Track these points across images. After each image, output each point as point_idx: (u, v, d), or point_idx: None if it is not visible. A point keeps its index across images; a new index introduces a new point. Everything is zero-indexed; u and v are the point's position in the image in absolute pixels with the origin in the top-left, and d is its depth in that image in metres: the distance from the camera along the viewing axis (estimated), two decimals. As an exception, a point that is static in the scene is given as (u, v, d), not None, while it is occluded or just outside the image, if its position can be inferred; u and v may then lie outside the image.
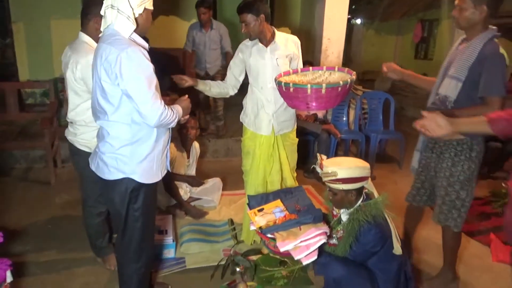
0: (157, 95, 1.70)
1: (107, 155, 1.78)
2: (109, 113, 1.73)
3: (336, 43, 4.64)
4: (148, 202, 1.89)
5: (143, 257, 1.95)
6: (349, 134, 4.60)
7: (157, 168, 1.87)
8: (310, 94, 1.92)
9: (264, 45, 2.46)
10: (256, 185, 2.62)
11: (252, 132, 2.60)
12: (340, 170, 1.90)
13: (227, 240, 2.84)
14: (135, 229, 1.87)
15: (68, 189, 3.61)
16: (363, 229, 1.90)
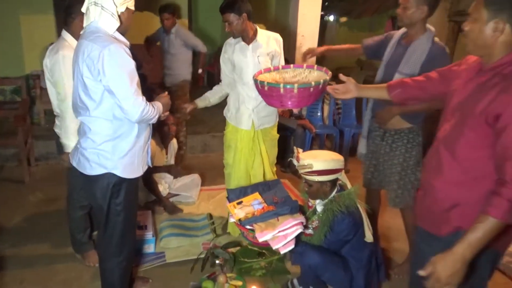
0: (138, 91, 1.73)
1: (88, 151, 1.81)
2: (91, 108, 1.75)
3: (310, 39, 4.73)
4: (130, 196, 1.92)
5: (124, 251, 1.98)
6: (324, 129, 4.72)
7: (139, 163, 1.90)
8: (283, 93, 1.99)
9: (246, 43, 2.52)
10: (239, 178, 2.68)
11: (234, 126, 2.66)
12: (316, 163, 1.98)
13: (206, 234, 2.90)
14: (116, 223, 1.90)
15: (42, 187, 3.57)
16: (337, 218, 1.99)
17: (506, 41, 1.25)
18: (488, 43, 1.27)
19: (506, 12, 1.21)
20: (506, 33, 1.23)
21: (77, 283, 2.36)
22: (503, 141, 1.20)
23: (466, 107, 1.32)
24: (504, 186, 1.18)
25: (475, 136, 1.29)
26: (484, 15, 1.25)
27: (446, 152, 1.39)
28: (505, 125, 1.19)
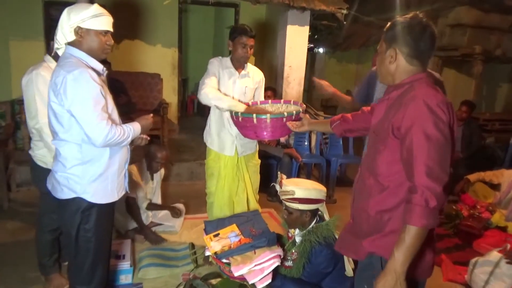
0: (103, 115, 1.70)
1: (59, 174, 1.79)
2: (60, 133, 1.75)
3: (297, 70, 4.83)
4: (101, 222, 1.87)
5: (95, 281, 1.92)
6: (311, 158, 4.73)
7: (112, 188, 1.87)
8: (256, 124, 2.01)
9: (236, 70, 2.56)
10: (222, 205, 2.64)
11: (216, 153, 2.65)
12: (298, 190, 1.98)
13: (187, 264, 2.82)
14: (86, 250, 1.85)
15: (21, 214, 3.47)
16: (314, 250, 1.97)
17: (401, 66, 1.42)
18: (388, 70, 1.45)
19: (396, 42, 1.40)
20: (399, 60, 1.41)
21: (48, 316, 2.26)
22: (406, 147, 1.30)
23: (378, 126, 1.46)
24: (413, 192, 1.26)
25: (388, 151, 1.39)
26: (384, 47, 1.45)
27: (368, 174, 1.48)
28: (405, 133, 1.31)
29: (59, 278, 2.50)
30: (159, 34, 5.78)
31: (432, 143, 1.25)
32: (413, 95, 1.33)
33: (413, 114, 1.29)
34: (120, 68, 5.46)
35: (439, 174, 1.25)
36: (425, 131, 1.26)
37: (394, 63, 1.42)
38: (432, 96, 1.31)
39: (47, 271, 2.49)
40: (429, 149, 1.25)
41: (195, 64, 8.87)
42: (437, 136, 1.25)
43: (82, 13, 1.71)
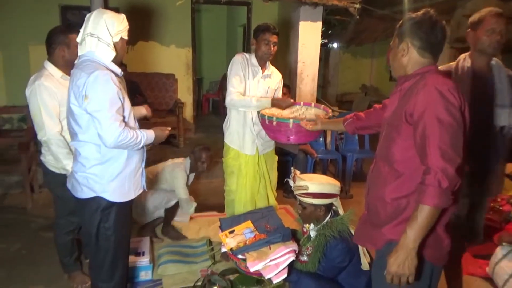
0: (116, 117, 1.74)
1: (79, 174, 1.84)
2: (79, 134, 1.81)
3: (310, 66, 4.81)
4: (120, 221, 1.92)
5: (115, 277, 1.97)
6: (326, 154, 4.72)
7: (130, 187, 1.92)
8: (291, 128, 2.09)
9: (261, 69, 2.61)
10: (245, 202, 2.69)
11: (236, 152, 2.68)
12: (312, 185, 1.98)
13: (205, 260, 2.86)
14: (106, 248, 1.90)
15: (44, 213, 3.58)
16: (329, 244, 1.97)
17: (413, 59, 1.47)
18: (401, 63, 1.50)
19: (408, 36, 1.46)
20: (411, 52, 1.47)
21: (72, 311, 2.34)
22: (419, 132, 1.35)
23: (392, 116, 1.50)
24: (427, 173, 1.30)
25: (402, 138, 1.43)
26: (396, 41, 1.52)
27: (383, 163, 1.52)
28: (418, 119, 1.35)
29: (81, 275, 2.58)
30: (172, 35, 5.85)
31: (444, 126, 1.30)
32: (425, 83, 1.38)
33: (425, 100, 1.34)
34: (136, 70, 5.56)
35: (452, 156, 1.29)
36: (437, 115, 1.30)
37: (406, 56, 1.48)
38: (443, 83, 1.36)
39: (69, 269, 2.58)
40: (441, 132, 1.30)
41: (209, 63, 8.94)
42: (449, 120, 1.30)
43: (123, 24, 1.82)
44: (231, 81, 2.58)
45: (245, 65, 2.61)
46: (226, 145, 2.75)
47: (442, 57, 2.14)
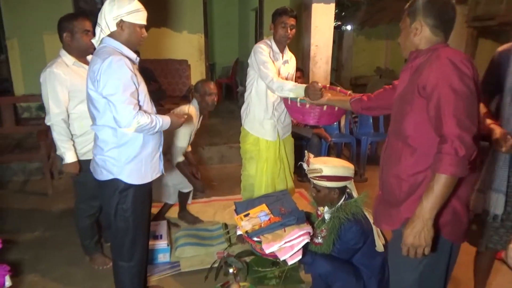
0: (131, 100, 1.77)
1: (98, 157, 1.93)
2: (97, 118, 1.88)
3: (324, 49, 4.75)
4: (138, 202, 1.98)
5: (135, 257, 2.04)
6: (340, 138, 4.70)
7: (146, 170, 1.96)
8: (325, 111, 2.21)
9: (281, 53, 2.62)
10: (266, 187, 2.73)
11: (255, 138, 2.70)
12: (326, 168, 1.99)
13: (221, 243, 2.92)
14: (125, 228, 1.97)
15: (64, 199, 3.68)
16: (343, 226, 1.98)
17: (425, 38, 1.47)
18: (413, 43, 1.50)
19: (421, 15, 1.45)
20: (424, 31, 1.46)
21: (94, 292, 2.42)
22: (433, 104, 1.34)
23: (404, 91, 1.50)
24: (443, 142, 1.30)
25: (415, 112, 1.43)
26: (407, 21, 1.51)
27: (396, 141, 1.51)
28: (431, 91, 1.35)
29: (102, 257, 2.67)
30: (185, 21, 5.84)
31: (459, 96, 1.30)
32: (437, 55, 1.39)
33: (438, 71, 1.34)
34: (149, 56, 5.58)
35: (468, 124, 1.28)
36: (451, 85, 1.31)
37: (419, 35, 1.47)
38: (455, 54, 1.36)
39: (90, 252, 2.67)
40: (456, 102, 1.30)
41: (221, 49, 8.90)
42: (463, 89, 1.30)
43: (125, 8, 1.79)
44: (266, 67, 2.47)
45: (269, 52, 2.60)
46: (245, 130, 2.77)
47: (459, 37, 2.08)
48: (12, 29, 5.21)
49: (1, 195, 3.81)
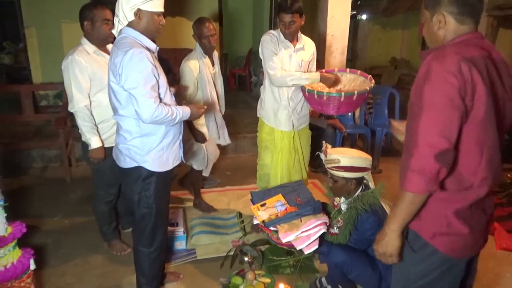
0: (151, 94, 1.79)
1: (121, 146, 1.97)
2: (119, 109, 1.92)
3: (339, 39, 4.70)
4: (160, 189, 2.03)
5: (155, 243, 2.09)
6: (355, 129, 4.67)
7: (168, 158, 2.01)
8: (343, 101, 2.25)
9: (292, 44, 2.59)
10: (281, 177, 2.75)
11: (271, 128, 2.71)
12: (343, 158, 2.00)
13: (236, 232, 2.95)
14: (148, 215, 2.02)
15: (82, 186, 3.76)
16: (361, 217, 1.99)
17: (451, 29, 1.31)
18: (438, 37, 1.34)
19: (441, 5, 1.30)
20: (449, 22, 1.30)
21: (113, 277, 2.49)
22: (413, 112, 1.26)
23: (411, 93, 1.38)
24: (410, 157, 1.22)
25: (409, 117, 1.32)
26: (427, 15, 1.36)
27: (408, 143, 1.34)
28: (413, 99, 1.27)
29: (120, 243, 2.73)
30: (199, 9, 5.82)
31: (432, 108, 1.19)
32: (429, 58, 1.25)
33: (416, 79, 1.26)
34: (164, 45, 5.57)
35: (435, 140, 1.18)
36: (424, 96, 1.21)
37: (443, 28, 1.32)
38: (446, 61, 1.20)
39: (108, 238, 2.73)
40: (427, 114, 1.20)
41: (235, 38, 8.87)
42: (437, 102, 1.19)
43: None
44: (269, 60, 2.54)
45: (274, 43, 2.59)
46: (261, 120, 2.78)
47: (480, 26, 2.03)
48: (30, 18, 5.26)
49: (23, 181, 3.91)
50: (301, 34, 2.65)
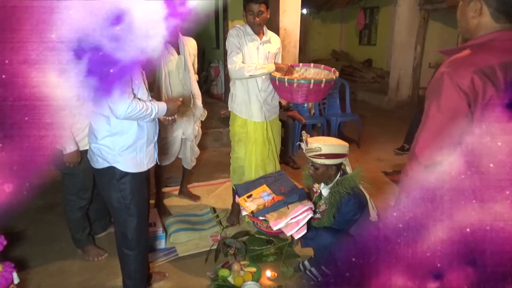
0: (125, 89, 1.75)
1: (93, 145, 1.92)
2: None
3: (292, 33, 4.86)
4: (137, 190, 1.98)
5: (140, 245, 2.06)
6: (311, 119, 4.87)
7: (141, 159, 1.96)
8: (312, 88, 2.26)
9: (258, 37, 2.65)
10: (256, 168, 2.80)
11: (243, 120, 2.76)
12: (324, 146, 2.11)
13: (213, 227, 2.99)
14: (128, 216, 1.97)
15: (40, 194, 3.53)
16: (343, 200, 2.13)
17: (484, 23, 1.24)
18: (469, 26, 1.28)
19: None
20: (484, 15, 1.23)
21: (95, 282, 2.40)
22: None
23: None
24: None
25: None
26: None
27: None
28: None
29: (95, 249, 2.65)
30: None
31: (432, 119, 1.22)
32: (443, 67, 1.22)
33: (431, 85, 1.26)
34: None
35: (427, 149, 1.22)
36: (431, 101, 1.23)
37: (477, 18, 1.24)
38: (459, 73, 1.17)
39: (82, 244, 2.64)
40: (427, 121, 1.23)
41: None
42: (437, 111, 1.20)
43: None
44: (229, 55, 2.64)
45: (240, 36, 2.66)
46: (233, 113, 2.82)
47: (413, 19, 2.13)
48: None
49: (-32, 194, 3.58)
50: (266, 28, 2.73)
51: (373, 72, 9.03)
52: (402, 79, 7.05)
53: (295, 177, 3.29)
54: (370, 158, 4.58)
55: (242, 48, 2.65)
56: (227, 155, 3.39)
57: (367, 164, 4.32)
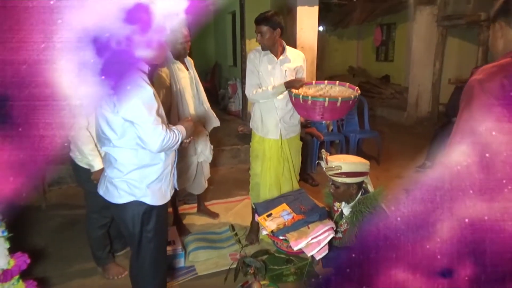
0: (158, 120, 1.67)
1: (116, 180, 1.79)
2: (113, 140, 1.73)
3: (309, 51, 4.88)
4: (160, 222, 1.92)
5: (159, 274, 1.99)
6: (330, 136, 4.84)
7: (166, 189, 1.89)
8: (327, 106, 2.22)
9: (275, 56, 2.67)
10: (270, 186, 2.78)
11: (260, 137, 2.76)
12: (344, 165, 2.08)
13: (232, 245, 2.96)
14: (148, 248, 1.90)
15: (59, 211, 3.60)
16: (365, 219, 2.08)
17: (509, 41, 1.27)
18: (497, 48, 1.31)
19: (499, 15, 1.28)
20: (507, 34, 1.27)
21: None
22: None
23: None
24: None
25: None
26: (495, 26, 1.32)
27: None
28: None
29: (116, 267, 2.64)
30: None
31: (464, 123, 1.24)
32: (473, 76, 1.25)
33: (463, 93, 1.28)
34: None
35: None
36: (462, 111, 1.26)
37: (501, 38, 1.28)
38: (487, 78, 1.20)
39: (103, 262, 2.64)
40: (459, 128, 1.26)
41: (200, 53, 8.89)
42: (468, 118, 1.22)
43: None
44: (246, 79, 2.76)
45: (256, 58, 2.70)
46: (252, 131, 2.84)
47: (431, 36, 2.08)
48: None
49: (-8, 211, 3.66)
50: (286, 46, 2.73)
51: (391, 88, 8.96)
52: (421, 95, 6.98)
53: (314, 194, 3.25)
54: (390, 176, 4.49)
55: (258, 69, 2.69)
56: (244, 172, 3.39)
57: (388, 181, 4.24)
